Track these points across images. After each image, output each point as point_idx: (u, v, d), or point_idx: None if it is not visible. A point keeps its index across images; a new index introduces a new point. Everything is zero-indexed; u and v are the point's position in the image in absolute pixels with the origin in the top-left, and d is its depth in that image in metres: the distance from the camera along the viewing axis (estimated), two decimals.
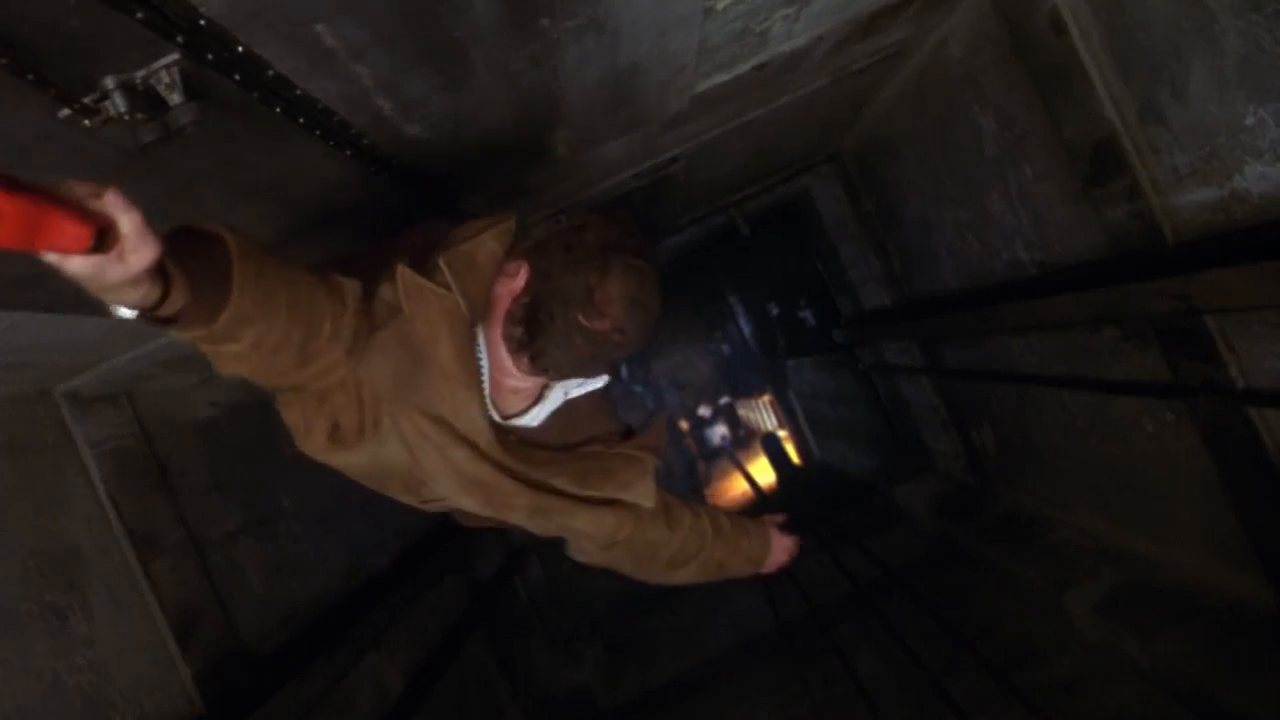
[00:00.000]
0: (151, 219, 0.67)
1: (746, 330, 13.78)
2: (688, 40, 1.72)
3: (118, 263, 0.64)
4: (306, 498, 2.92)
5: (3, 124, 0.94)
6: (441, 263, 1.05)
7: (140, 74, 0.95)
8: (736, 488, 12.86)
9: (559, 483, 1.15)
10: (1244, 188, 1.78)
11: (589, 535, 1.24)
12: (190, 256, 0.76)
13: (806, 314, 8.01)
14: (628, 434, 1.31)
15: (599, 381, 1.19)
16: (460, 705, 3.32)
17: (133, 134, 0.98)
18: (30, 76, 0.85)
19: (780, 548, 1.56)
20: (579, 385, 1.18)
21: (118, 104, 0.94)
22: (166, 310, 0.75)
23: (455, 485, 1.11)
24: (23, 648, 1.67)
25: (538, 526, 1.20)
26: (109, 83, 0.94)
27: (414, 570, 3.31)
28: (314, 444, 1.08)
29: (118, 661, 1.87)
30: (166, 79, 0.95)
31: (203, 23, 0.91)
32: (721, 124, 2.68)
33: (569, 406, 1.20)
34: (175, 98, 0.97)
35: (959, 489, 4.52)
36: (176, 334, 0.82)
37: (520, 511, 1.16)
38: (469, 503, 1.15)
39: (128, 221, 0.64)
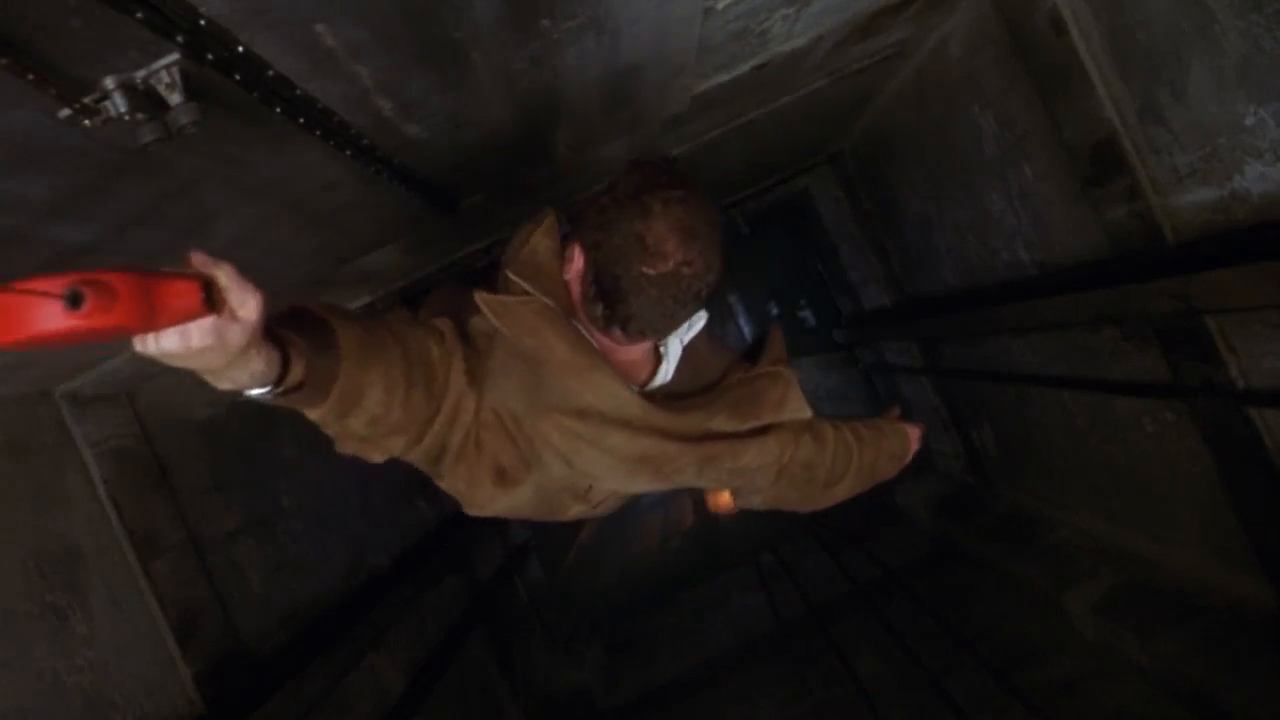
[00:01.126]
0: (152, 219, 0.68)
1: (746, 331, 13.77)
2: (687, 40, 1.72)
3: (232, 321, 0.66)
4: (306, 498, 2.92)
5: (3, 124, 0.94)
6: (510, 274, 1.06)
7: (140, 74, 0.95)
8: None
9: (717, 424, 1.13)
10: (1244, 188, 1.78)
11: (758, 468, 1.22)
12: (294, 329, 0.79)
13: (806, 314, 8.01)
14: (752, 357, 1.30)
15: (702, 319, 1.17)
16: (460, 705, 3.32)
17: (133, 134, 0.98)
18: (30, 76, 0.85)
19: (915, 437, 1.58)
20: (688, 329, 1.16)
21: (118, 104, 0.94)
22: (293, 378, 0.77)
23: (621, 472, 1.10)
24: (23, 648, 1.67)
25: (709, 480, 1.19)
26: (109, 83, 0.94)
27: (414, 570, 3.31)
28: (481, 497, 1.08)
29: (118, 661, 1.87)
30: (166, 79, 0.95)
31: (203, 22, 0.91)
32: (721, 124, 2.68)
33: (690, 351, 1.19)
34: (175, 98, 0.97)
35: (959, 489, 4.52)
36: (310, 412, 0.85)
37: (689, 470, 1.14)
38: (640, 484, 1.14)
39: (224, 274, 0.65)
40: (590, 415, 1.04)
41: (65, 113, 0.94)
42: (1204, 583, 2.59)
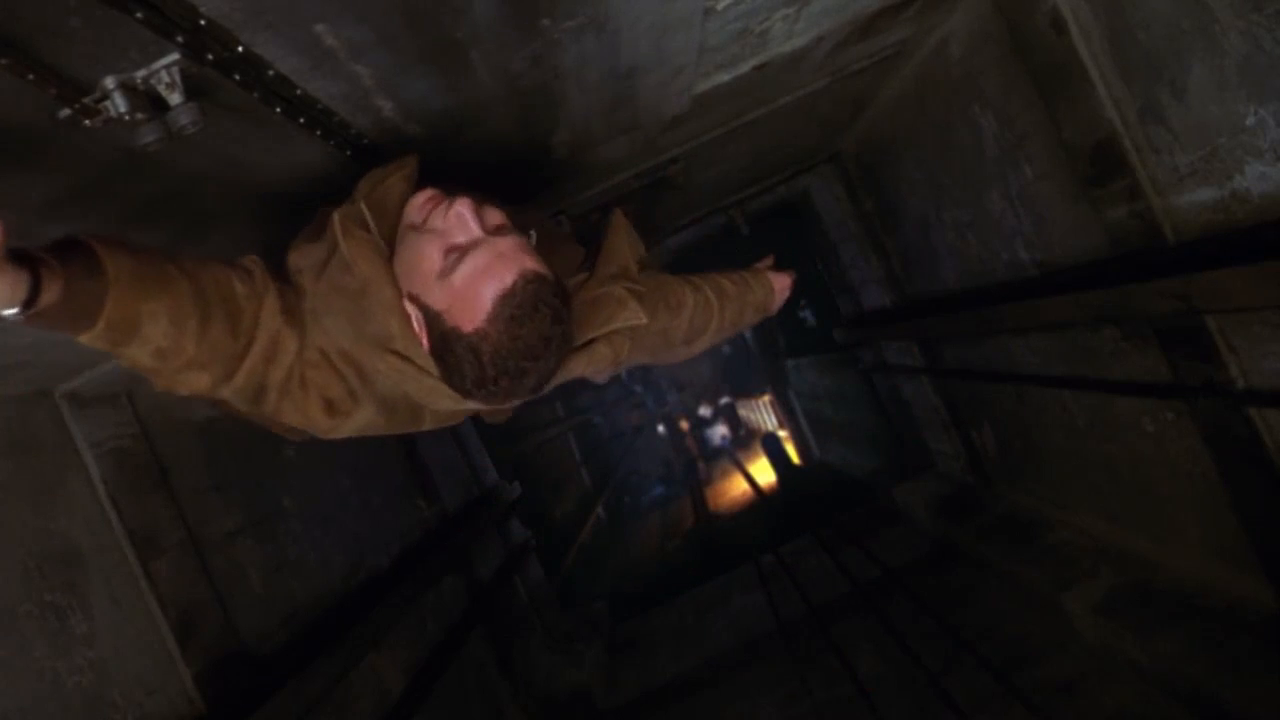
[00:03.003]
0: (152, 219, 0.68)
1: (747, 334, 13.77)
2: (688, 40, 1.72)
3: None
4: (306, 498, 2.92)
5: (3, 124, 0.94)
6: (363, 207, 1.08)
7: (140, 74, 0.95)
8: (737, 487, 12.86)
9: None
10: (1244, 188, 1.78)
11: (592, 372, 1.23)
12: (58, 257, 0.79)
13: (806, 314, 8.02)
14: (588, 256, 1.29)
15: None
16: (460, 705, 3.32)
17: (133, 134, 0.98)
18: (30, 76, 0.85)
19: (781, 288, 1.63)
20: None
21: (118, 104, 0.94)
22: (46, 299, 0.76)
23: (451, 400, 1.09)
24: (23, 648, 1.67)
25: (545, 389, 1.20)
26: (109, 83, 0.94)
27: (414, 570, 3.31)
28: (320, 426, 1.08)
29: (118, 661, 1.87)
30: (167, 79, 0.95)
31: (203, 22, 0.91)
32: (722, 124, 2.68)
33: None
34: (175, 98, 0.96)
35: (959, 489, 4.52)
36: (82, 338, 0.84)
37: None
38: (471, 407, 1.14)
39: None
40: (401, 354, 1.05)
41: (65, 113, 0.94)
42: (1204, 583, 2.59)
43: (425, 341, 1.02)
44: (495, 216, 1.03)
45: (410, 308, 1.03)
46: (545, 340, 0.99)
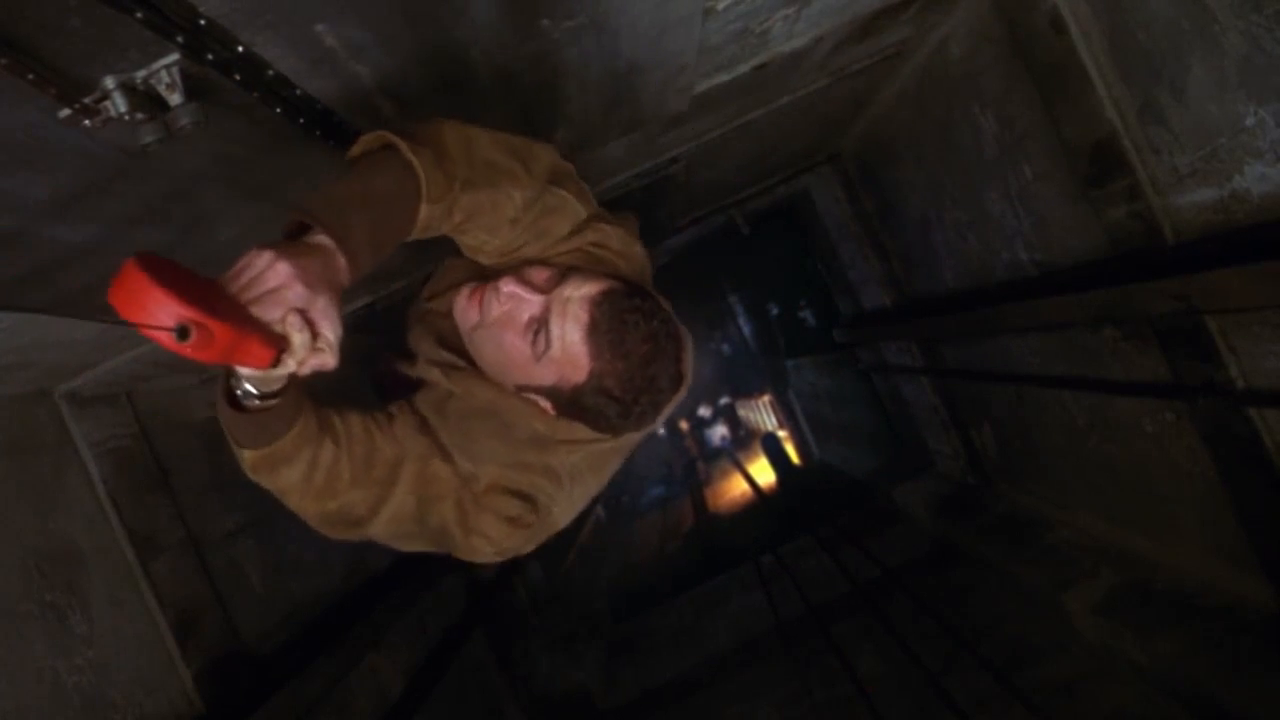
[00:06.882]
0: (152, 219, 0.68)
1: (746, 330, 13.79)
2: (688, 40, 1.72)
3: (282, 368, 0.74)
4: None
5: (3, 124, 0.94)
6: (445, 353, 1.19)
7: (140, 74, 0.95)
8: (737, 488, 12.87)
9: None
10: (1244, 188, 1.78)
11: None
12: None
13: (806, 314, 8.02)
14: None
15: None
16: (460, 705, 3.32)
17: (133, 134, 0.97)
18: (30, 76, 0.85)
19: None
20: None
21: (118, 104, 0.94)
22: (272, 401, 0.85)
23: (630, 439, 1.16)
24: (23, 648, 1.67)
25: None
26: (109, 83, 0.94)
27: (414, 570, 3.31)
28: (504, 546, 1.08)
29: (118, 661, 1.87)
30: (167, 79, 0.95)
31: (202, 22, 0.91)
32: (721, 124, 2.68)
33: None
34: (175, 98, 0.96)
35: (959, 489, 4.52)
36: (250, 452, 0.95)
37: None
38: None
39: (301, 342, 0.72)
40: None
41: (65, 113, 0.93)
42: (1204, 583, 2.59)
43: (554, 413, 1.02)
44: (539, 273, 1.00)
45: (530, 399, 1.02)
46: (651, 340, 0.95)
